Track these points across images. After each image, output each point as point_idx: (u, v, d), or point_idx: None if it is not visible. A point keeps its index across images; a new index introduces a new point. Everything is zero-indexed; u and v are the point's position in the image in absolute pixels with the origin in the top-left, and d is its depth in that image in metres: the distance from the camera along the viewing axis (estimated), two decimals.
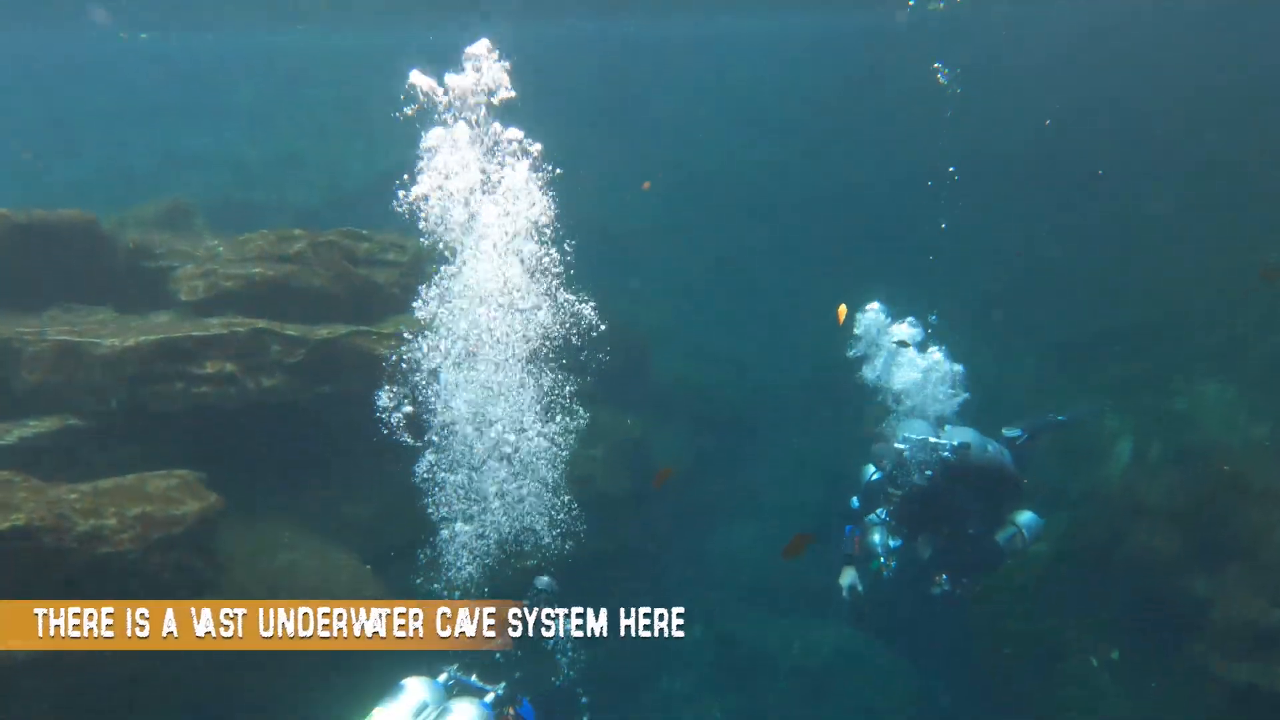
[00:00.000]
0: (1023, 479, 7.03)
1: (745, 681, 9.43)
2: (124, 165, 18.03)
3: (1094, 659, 7.07)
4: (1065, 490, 8.77)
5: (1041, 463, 9.21)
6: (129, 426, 5.90)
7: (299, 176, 18.15)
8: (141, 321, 6.55)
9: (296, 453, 6.87)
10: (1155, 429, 8.64)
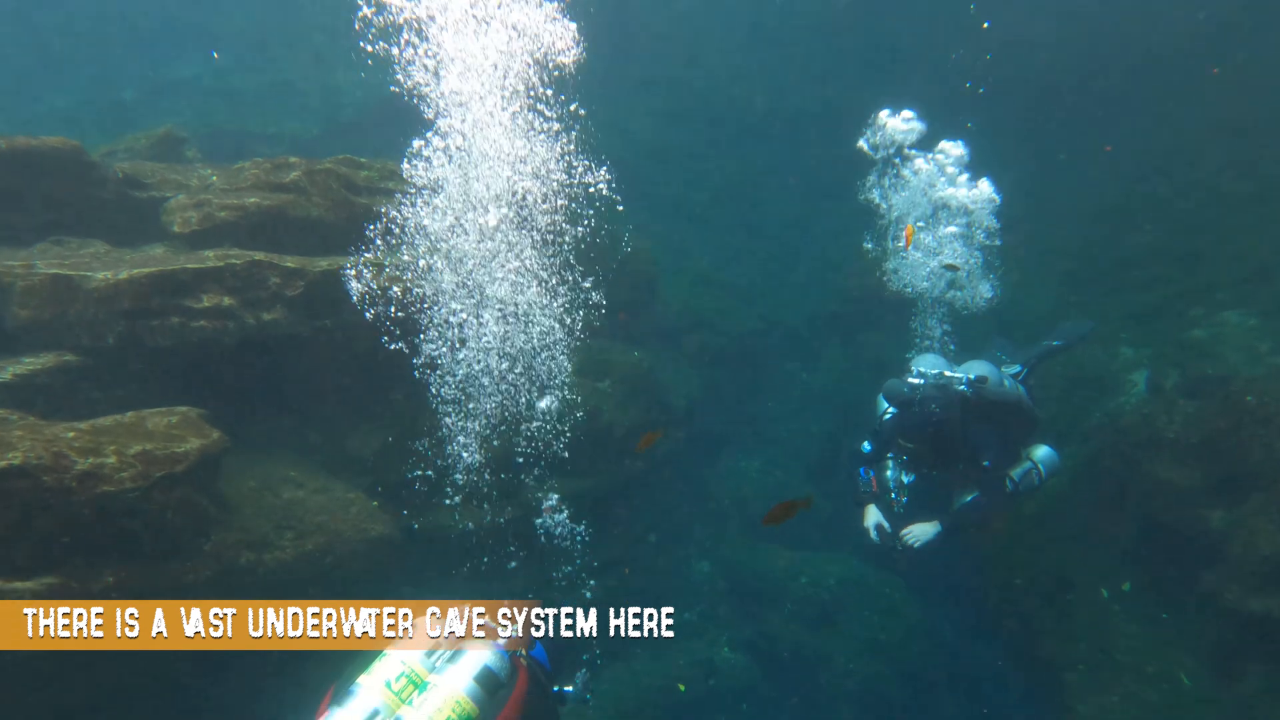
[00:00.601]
0: (1038, 413, 6.92)
1: (752, 613, 9.51)
2: (113, 95, 17.52)
3: (1105, 590, 7.05)
4: (1078, 422, 8.66)
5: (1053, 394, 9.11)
6: (127, 363, 5.76)
7: (295, 104, 17.62)
8: (135, 254, 6.35)
9: (299, 388, 6.76)
10: (1173, 359, 8.46)
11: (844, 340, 13.30)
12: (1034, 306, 11.46)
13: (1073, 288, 11.37)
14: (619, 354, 9.39)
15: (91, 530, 4.36)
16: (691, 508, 10.72)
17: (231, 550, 5.15)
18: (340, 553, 5.78)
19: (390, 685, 3.55)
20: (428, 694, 3.49)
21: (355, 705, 3.48)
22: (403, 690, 3.55)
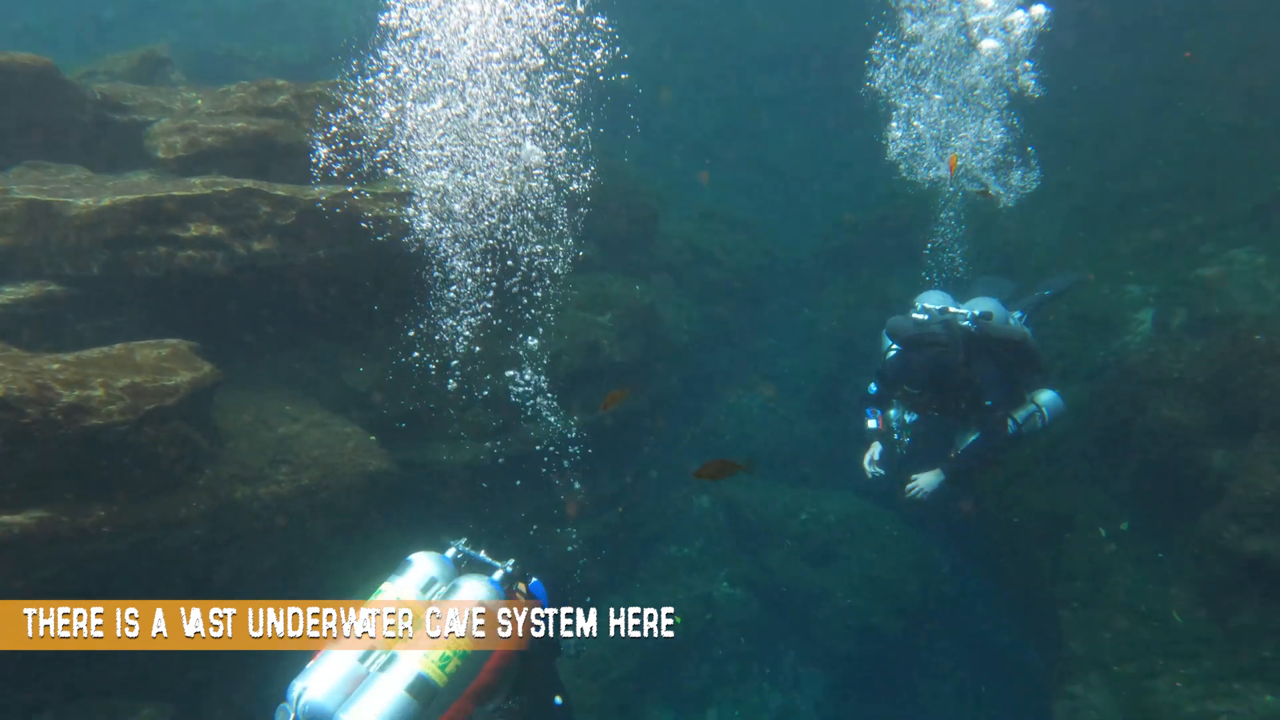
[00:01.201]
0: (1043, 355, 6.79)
1: (751, 549, 9.57)
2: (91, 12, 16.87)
3: (1103, 530, 7.04)
4: (1083, 361, 8.56)
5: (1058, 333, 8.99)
6: (113, 294, 5.63)
7: (284, 27, 17.04)
8: (117, 181, 6.15)
9: (292, 321, 6.63)
10: (1180, 297, 8.32)
11: (848, 275, 13.12)
12: (1041, 242, 11.27)
13: (1080, 224, 11.14)
14: (619, 288, 9.24)
15: (80, 464, 4.29)
16: (692, 444, 10.71)
17: (226, 484, 5.10)
18: (337, 487, 5.73)
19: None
20: (423, 630, 3.47)
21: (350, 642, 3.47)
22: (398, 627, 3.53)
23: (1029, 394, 6.51)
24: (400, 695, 3.26)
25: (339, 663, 3.40)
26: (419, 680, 3.31)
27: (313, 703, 3.31)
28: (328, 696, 3.31)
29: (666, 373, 10.02)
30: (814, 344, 12.06)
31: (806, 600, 8.94)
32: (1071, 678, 6.18)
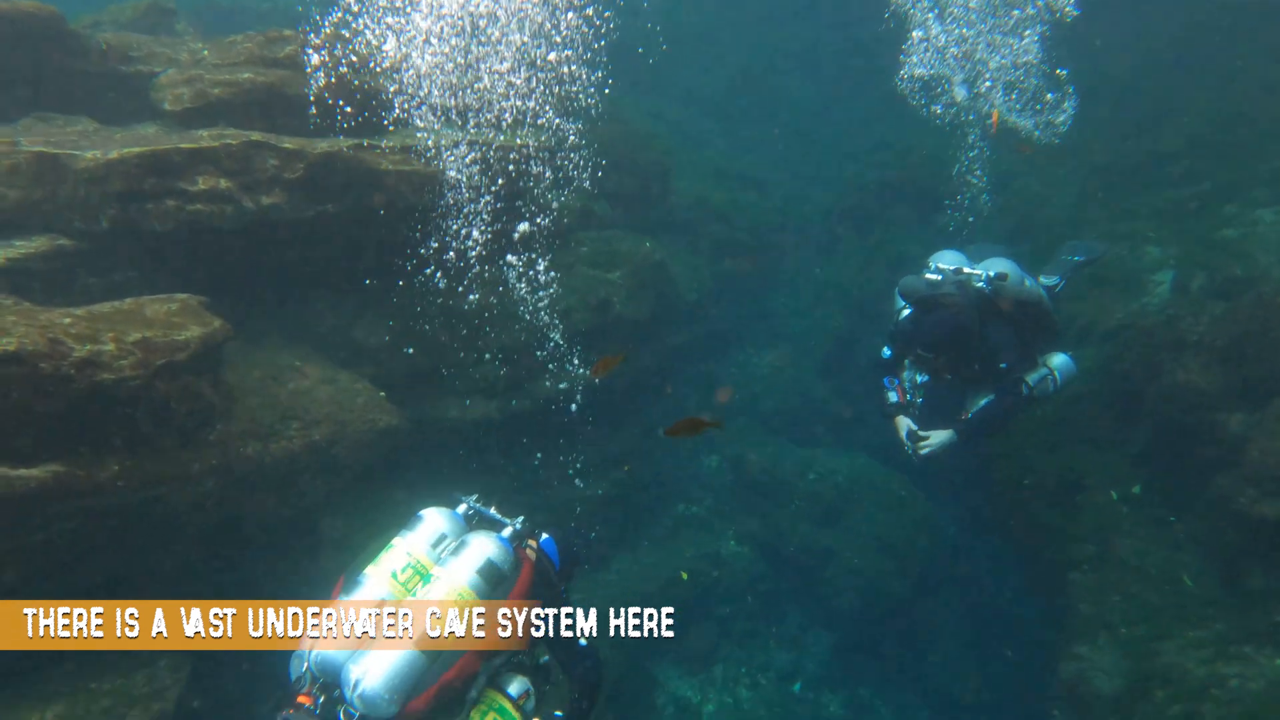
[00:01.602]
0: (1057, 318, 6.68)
1: (759, 507, 9.59)
2: None
3: (1114, 492, 7.02)
4: (1098, 323, 8.46)
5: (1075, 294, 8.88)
6: (123, 248, 5.58)
7: None
8: (125, 133, 6.06)
9: (303, 276, 6.59)
10: (1201, 259, 8.18)
11: (860, 234, 12.97)
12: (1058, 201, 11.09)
13: (1099, 182, 10.95)
14: (630, 245, 9.15)
15: (93, 419, 4.29)
16: (701, 402, 10.69)
17: (237, 440, 5.10)
18: (347, 443, 5.74)
19: (396, 576, 3.56)
20: (431, 585, 3.49)
21: (362, 595, 3.50)
22: (408, 581, 3.56)
23: (1041, 357, 6.43)
24: (409, 649, 3.30)
25: (350, 615, 3.42)
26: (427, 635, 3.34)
27: (324, 654, 3.35)
28: (339, 648, 3.35)
29: (676, 331, 9.96)
30: (825, 303, 11.97)
31: (813, 559, 8.98)
32: (1079, 639, 6.20)
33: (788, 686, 8.50)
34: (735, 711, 8.06)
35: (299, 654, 3.45)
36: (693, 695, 8.26)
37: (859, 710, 8.42)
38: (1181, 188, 9.72)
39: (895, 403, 6.26)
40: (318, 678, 3.39)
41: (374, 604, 3.46)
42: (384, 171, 6.45)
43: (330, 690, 3.38)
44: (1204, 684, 5.44)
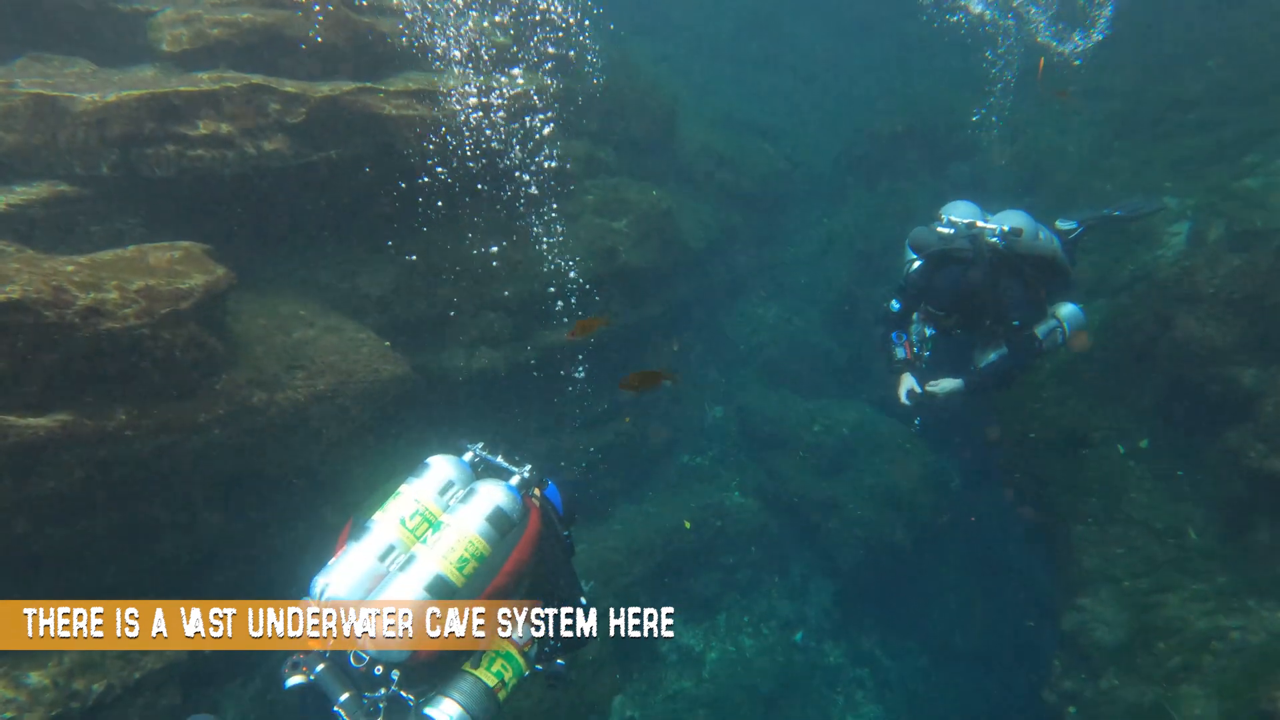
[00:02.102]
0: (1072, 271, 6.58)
1: (763, 458, 9.62)
2: None
3: (1121, 446, 7.00)
4: (1111, 274, 8.36)
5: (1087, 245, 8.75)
6: (124, 195, 5.49)
7: None
8: (123, 75, 5.92)
9: (306, 224, 6.50)
10: (1219, 210, 8.03)
11: (869, 184, 12.78)
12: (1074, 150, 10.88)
13: (1118, 131, 10.72)
14: (637, 193, 9.01)
15: (98, 368, 4.26)
16: (707, 353, 10.66)
17: (243, 390, 5.08)
18: (352, 393, 5.72)
19: (405, 522, 3.57)
20: (441, 532, 3.49)
21: (371, 541, 3.51)
22: (417, 528, 3.56)
23: (1051, 307, 6.34)
24: (419, 594, 3.31)
25: (359, 560, 3.45)
26: (437, 580, 3.35)
27: (334, 599, 3.36)
28: (349, 593, 3.37)
29: (682, 281, 9.87)
30: (832, 254, 11.85)
31: (817, 510, 9.03)
32: (1082, 591, 6.25)
33: (790, 635, 8.62)
34: (738, 660, 8.19)
35: (307, 599, 3.46)
36: (696, 644, 8.38)
37: (860, 659, 8.55)
38: (1201, 135, 9.50)
39: (902, 359, 6.19)
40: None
41: (383, 549, 3.49)
42: (387, 116, 6.32)
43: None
44: (1205, 636, 5.50)
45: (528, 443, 7.81)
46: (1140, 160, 9.65)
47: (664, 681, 7.91)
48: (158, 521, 4.80)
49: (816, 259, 11.95)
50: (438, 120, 6.62)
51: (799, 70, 16.80)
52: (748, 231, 11.63)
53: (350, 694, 3.35)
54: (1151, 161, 9.45)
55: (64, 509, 4.32)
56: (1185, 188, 8.72)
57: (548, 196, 7.96)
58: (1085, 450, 7.12)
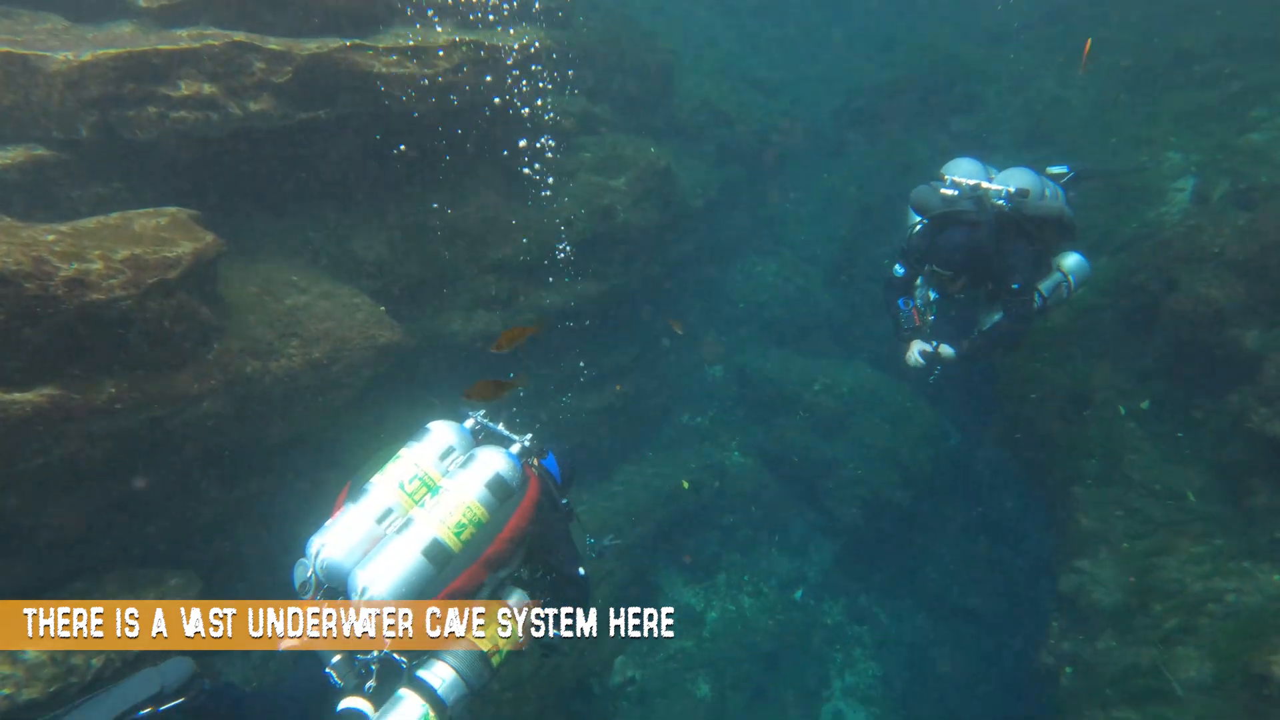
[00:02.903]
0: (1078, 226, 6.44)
1: (763, 418, 9.59)
2: None
3: (1123, 407, 6.97)
4: (1114, 233, 8.24)
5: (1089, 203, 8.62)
6: (106, 159, 5.33)
7: None
8: (98, 32, 5.70)
9: (296, 187, 6.34)
10: (1224, 166, 7.90)
11: (870, 138, 12.55)
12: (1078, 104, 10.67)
13: (1122, 84, 10.49)
14: (634, 150, 8.82)
15: (84, 341, 4.16)
16: (706, 312, 10.56)
17: (236, 359, 4.99)
18: (348, 360, 5.63)
19: (404, 486, 3.56)
20: (439, 497, 3.48)
21: (368, 503, 3.51)
22: (415, 491, 3.56)
23: (1055, 259, 6.22)
24: (415, 558, 3.30)
25: (357, 523, 3.45)
26: (434, 544, 3.34)
27: (330, 560, 3.37)
28: (345, 555, 3.37)
29: (681, 239, 9.73)
30: (832, 210, 11.68)
31: (817, 470, 9.03)
32: (1080, 553, 6.26)
33: (789, 594, 8.69)
34: (738, 619, 8.26)
35: (303, 561, 3.46)
36: (696, 603, 8.44)
37: (859, 617, 8.63)
38: (1208, 89, 9.31)
39: (911, 327, 6.06)
40: (324, 583, 3.42)
41: (380, 512, 3.48)
42: (377, 74, 6.12)
43: (336, 597, 3.41)
44: (1201, 598, 5.52)
45: (527, 405, 7.75)
46: (1145, 114, 9.46)
47: (665, 641, 7.98)
48: (154, 494, 4.75)
49: (817, 215, 11.79)
50: (430, 78, 6.42)
51: (799, 20, 16.41)
52: (747, 188, 11.44)
53: (342, 656, 3.37)
54: (1156, 115, 9.26)
55: (56, 484, 4.26)
56: (1190, 142, 8.57)
57: (544, 155, 7.79)
58: (1086, 411, 7.09)
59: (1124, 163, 7.69)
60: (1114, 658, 5.59)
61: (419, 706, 3.28)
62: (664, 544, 8.49)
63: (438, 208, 7.00)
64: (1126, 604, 5.81)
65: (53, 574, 4.52)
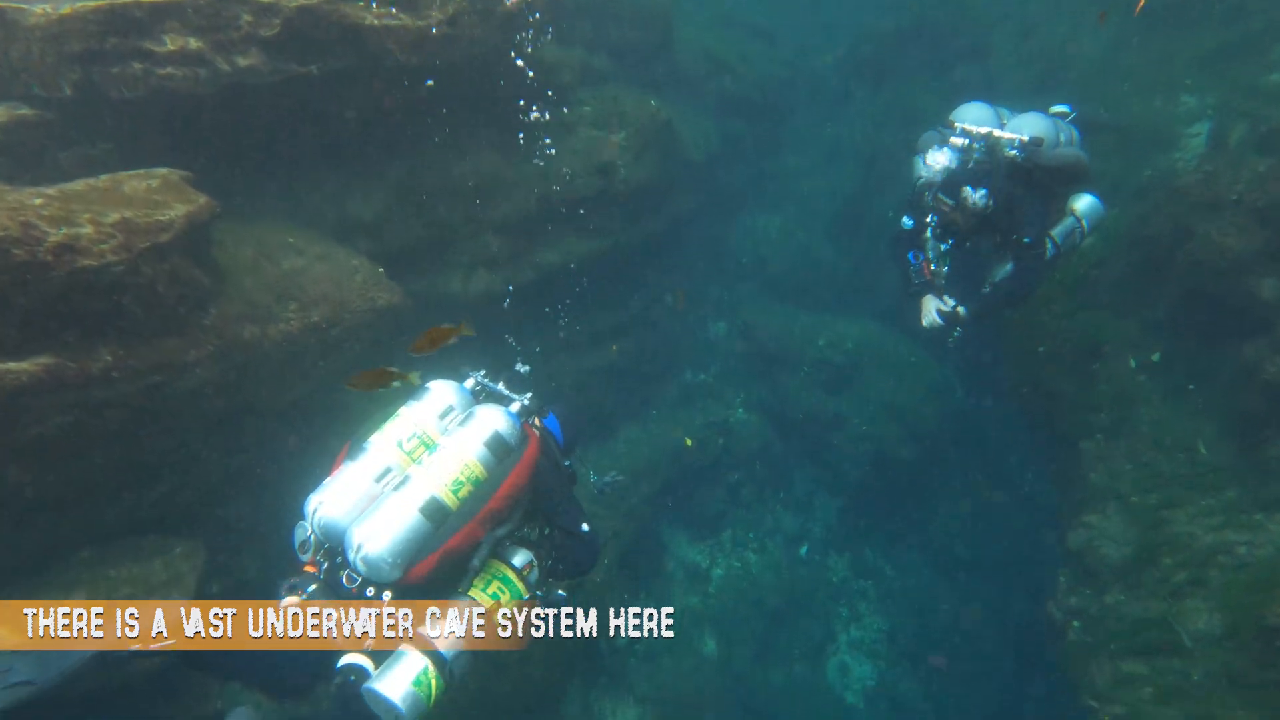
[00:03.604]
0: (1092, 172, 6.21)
1: (767, 374, 9.51)
2: None
3: (1133, 360, 6.88)
4: (1126, 180, 8.06)
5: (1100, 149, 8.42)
6: (93, 118, 5.17)
7: None
8: None
9: (289, 146, 6.17)
10: (1242, 109, 7.67)
11: (874, 87, 12.27)
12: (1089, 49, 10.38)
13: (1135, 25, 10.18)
14: (634, 103, 8.61)
15: (78, 308, 4.07)
16: (709, 267, 10.43)
17: (234, 324, 4.90)
18: (348, 324, 5.54)
19: (402, 445, 3.54)
20: (438, 455, 3.45)
21: (367, 461, 3.48)
22: (414, 450, 3.53)
23: (1067, 203, 6.03)
24: (413, 515, 3.28)
25: (355, 481, 3.43)
26: (432, 502, 3.32)
27: (327, 518, 3.35)
28: (343, 513, 3.35)
29: (682, 194, 9.56)
30: (836, 161, 11.47)
31: (822, 426, 8.99)
32: (1088, 508, 6.23)
33: (795, 550, 8.71)
34: (743, 575, 8.29)
35: (303, 523, 3.44)
36: (702, 560, 8.47)
37: (864, 572, 8.66)
38: (1228, 27, 9.01)
39: (921, 282, 5.91)
40: (322, 543, 3.42)
41: (379, 470, 3.45)
42: (369, 27, 5.91)
43: (334, 555, 3.40)
44: (1212, 551, 5.49)
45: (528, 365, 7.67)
46: (1160, 57, 9.19)
47: (671, 599, 8.02)
48: (154, 462, 4.70)
49: (820, 167, 11.58)
50: (423, 30, 6.21)
51: None
52: (749, 140, 11.21)
53: None
54: (1172, 58, 8.99)
55: (55, 454, 4.20)
56: (1207, 84, 8.32)
57: (543, 109, 7.59)
58: (1095, 364, 7.01)
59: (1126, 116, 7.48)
60: (1123, 611, 5.59)
61: (420, 662, 3.27)
62: (668, 503, 8.49)
63: (434, 165, 6.84)
64: (1136, 558, 5.79)
65: (59, 545, 4.49)
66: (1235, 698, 4.66)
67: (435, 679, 3.26)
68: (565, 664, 6.67)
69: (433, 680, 3.25)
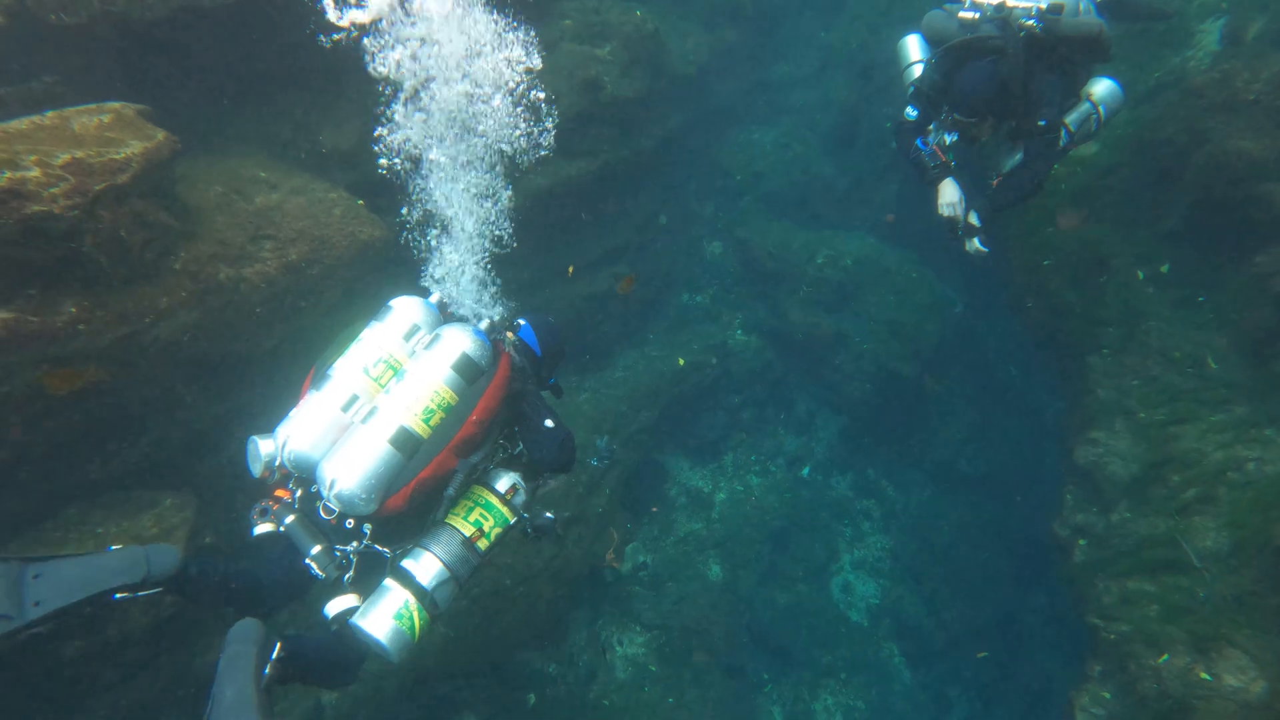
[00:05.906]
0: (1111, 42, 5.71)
1: (765, 294, 9.30)
2: None
3: (1141, 272, 6.68)
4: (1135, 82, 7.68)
5: None
6: (34, 48, 4.80)
7: None
8: None
9: (253, 73, 5.80)
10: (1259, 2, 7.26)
11: None
12: None
13: None
14: (619, 14, 8.13)
15: (33, 259, 3.83)
16: (702, 185, 10.08)
17: (207, 267, 4.66)
18: (328, 261, 5.30)
19: (368, 371, 3.42)
20: (405, 382, 3.33)
21: (332, 390, 3.37)
22: (380, 375, 3.42)
23: (1084, 88, 5.61)
24: (383, 447, 3.20)
25: (321, 411, 3.32)
26: (402, 432, 3.23)
27: (297, 452, 3.27)
28: (312, 446, 3.27)
29: (673, 110, 9.14)
30: (831, 71, 10.97)
31: (822, 345, 8.83)
32: (1095, 424, 6.13)
33: (797, 471, 8.67)
34: (746, 498, 8.26)
35: (254, 438, 3.35)
36: (704, 485, 8.43)
37: (867, 491, 8.64)
38: None
39: (937, 165, 5.44)
40: (291, 473, 3.34)
41: (345, 400, 3.34)
42: None
43: (307, 485, 3.35)
44: (1221, 467, 5.41)
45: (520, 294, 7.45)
46: None
47: (675, 525, 8.01)
48: (137, 413, 4.54)
49: (814, 77, 11.08)
50: None
51: None
52: (740, 50, 10.69)
53: (322, 546, 3.29)
54: None
55: (27, 413, 4.03)
56: None
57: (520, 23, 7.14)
58: (1102, 277, 6.81)
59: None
60: (1129, 529, 5.55)
61: (402, 596, 3.24)
62: (669, 429, 8.39)
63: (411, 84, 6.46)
64: (1143, 475, 5.72)
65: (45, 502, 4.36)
66: (1242, 617, 4.63)
67: (418, 611, 3.24)
68: (571, 596, 6.68)
69: (414, 613, 3.23)
